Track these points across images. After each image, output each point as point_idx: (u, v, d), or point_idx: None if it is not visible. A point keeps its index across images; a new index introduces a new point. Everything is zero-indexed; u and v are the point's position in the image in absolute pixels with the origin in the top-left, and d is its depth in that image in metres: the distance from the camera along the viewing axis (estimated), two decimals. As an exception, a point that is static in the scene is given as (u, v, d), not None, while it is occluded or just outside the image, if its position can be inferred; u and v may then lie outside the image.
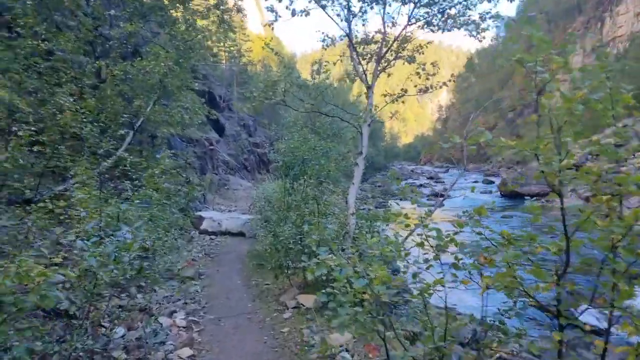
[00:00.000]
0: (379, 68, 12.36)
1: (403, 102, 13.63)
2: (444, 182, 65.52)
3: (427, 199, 38.85)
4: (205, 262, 13.75)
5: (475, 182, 58.47)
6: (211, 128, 43.39)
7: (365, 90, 12.31)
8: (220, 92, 52.63)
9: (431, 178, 74.46)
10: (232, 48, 61.68)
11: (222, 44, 61.71)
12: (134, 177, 9.09)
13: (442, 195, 40.32)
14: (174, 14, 17.34)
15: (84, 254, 5.03)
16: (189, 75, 15.40)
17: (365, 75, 12.35)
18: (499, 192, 41.81)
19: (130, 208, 8.13)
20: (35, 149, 9.57)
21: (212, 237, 18.39)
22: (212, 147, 38.49)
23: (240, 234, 19.01)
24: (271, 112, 67.87)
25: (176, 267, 12.25)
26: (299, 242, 9.01)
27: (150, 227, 12.17)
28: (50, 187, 10.37)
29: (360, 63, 12.49)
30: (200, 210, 22.11)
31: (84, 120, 11.05)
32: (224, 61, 65.08)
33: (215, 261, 13.94)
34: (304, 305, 8.90)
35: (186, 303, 9.62)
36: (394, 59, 12.55)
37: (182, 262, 13.04)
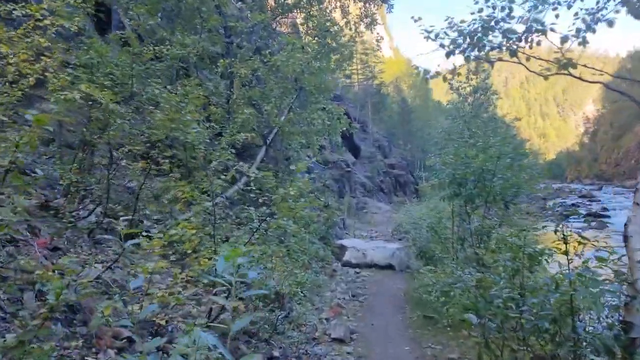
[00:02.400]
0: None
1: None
2: (599, 200, 56.71)
3: (584, 220, 33.04)
4: (354, 308, 10.58)
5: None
6: (346, 150, 41.15)
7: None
8: (355, 113, 50.38)
9: (583, 196, 65.31)
10: (369, 60, 59.57)
11: (355, 66, 60.15)
12: (263, 201, 6.30)
13: (601, 216, 34.61)
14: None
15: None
16: (329, 77, 12.73)
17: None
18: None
19: (255, 249, 5.25)
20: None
21: (357, 270, 15.28)
22: (349, 169, 36.06)
23: (389, 267, 15.66)
24: (406, 133, 64.47)
25: (318, 317, 9.23)
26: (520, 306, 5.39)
27: (286, 266, 9.40)
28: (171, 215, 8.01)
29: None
30: (341, 238, 19.20)
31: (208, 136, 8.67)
32: (356, 84, 63.40)
33: (365, 307, 10.71)
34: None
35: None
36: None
37: (326, 309, 10.01)
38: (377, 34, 19.32)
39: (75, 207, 8.35)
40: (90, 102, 6.74)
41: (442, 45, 4.86)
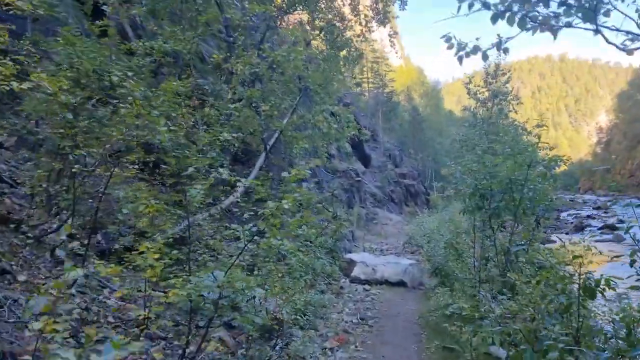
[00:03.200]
0: None
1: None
2: (615, 212, 54.88)
3: (600, 233, 31.67)
4: (362, 333, 9.35)
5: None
6: (356, 158, 40.07)
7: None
8: (365, 122, 49.24)
9: (598, 208, 63.40)
10: (380, 69, 58.55)
11: (366, 74, 59.22)
12: (255, 214, 5.15)
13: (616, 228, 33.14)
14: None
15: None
16: (338, 74, 11.57)
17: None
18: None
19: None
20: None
21: (366, 287, 14.06)
22: (358, 178, 34.89)
23: (401, 284, 14.41)
24: (417, 142, 63.22)
25: (321, 348, 8.05)
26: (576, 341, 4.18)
27: (287, 286, 8.24)
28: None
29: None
30: (350, 251, 18.00)
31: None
32: (366, 92, 62.34)
33: (375, 333, 9.48)
34: None
35: None
36: None
37: (331, 336, 8.81)
38: (390, 28, 18.18)
39: (43, 219, 7.28)
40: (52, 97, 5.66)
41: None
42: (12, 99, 8.84)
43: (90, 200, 7.17)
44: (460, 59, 3.63)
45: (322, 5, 13.74)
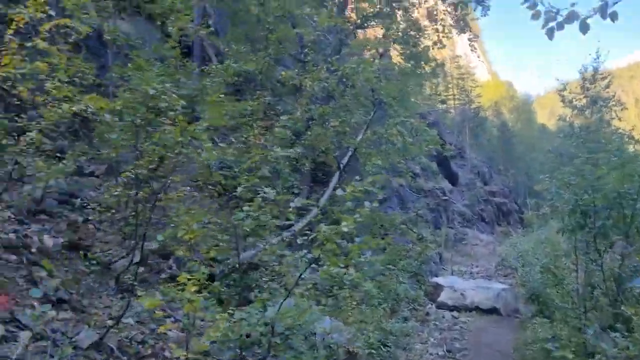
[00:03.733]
0: None
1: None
2: None
3: None
4: (449, 369, 8.43)
5: None
6: (443, 177, 38.58)
7: None
8: (451, 139, 47.50)
9: None
10: (466, 84, 56.70)
11: (451, 91, 57.48)
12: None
13: None
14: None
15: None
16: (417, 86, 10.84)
17: None
18: None
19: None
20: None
21: (454, 314, 12.98)
22: (445, 197, 33.46)
23: (493, 311, 13.17)
24: (507, 158, 59.92)
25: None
26: None
27: (363, 315, 7.61)
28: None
29: None
30: (436, 275, 16.92)
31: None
32: (452, 109, 60.35)
33: (464, 368, 8.51)
34: None
35: None
36: None
37: (412, 370, 7.99)
38: (471, 32, 17.15)
39: (114, 245, 7.24)
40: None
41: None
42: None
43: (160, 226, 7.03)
44: (550, 32, 2.87)
45: (399, 18, 13.18)
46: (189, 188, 6.47)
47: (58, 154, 7.76)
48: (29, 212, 6.72)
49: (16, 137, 5.89)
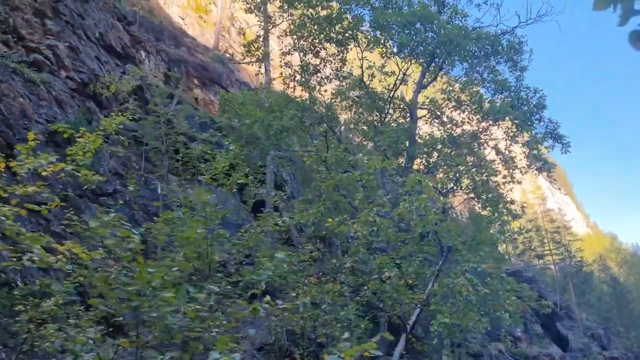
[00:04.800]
0: None
1: None
2: None
3: None
4: None
5: None
6: (550, 341, 34.04)
7: None
8: (554, 298, 42.81)
9: None
10: (562, 239, 52.84)
11: (547, 246, 53.67)
12: None
13: None
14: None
15: None
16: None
17: None
18: None
19: None
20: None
21: None
22: (555, 365, 29.04)
23: None
24: (625, 318, 52.43)
25: None
26: None
27: None
28: None
29: None
30: None
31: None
32: (552, 265, 55.67)
33: None
34: None
35: None
36: None
37: None
38: (550, 175, 15.99)
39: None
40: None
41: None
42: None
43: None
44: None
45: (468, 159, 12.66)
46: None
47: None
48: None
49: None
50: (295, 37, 17.03)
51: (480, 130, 15.89)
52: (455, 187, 14.90)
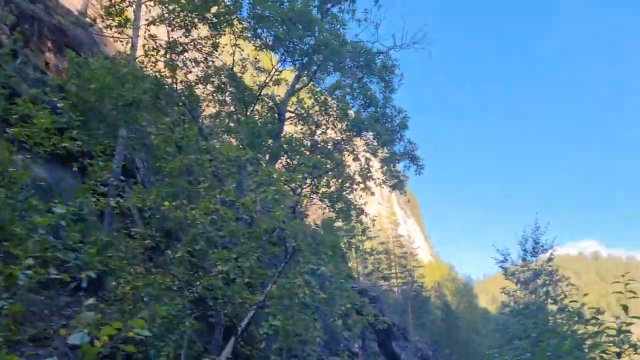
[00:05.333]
0: None
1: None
2: None
3: None
4: None
5: None
6: (385, 359, 35.07)
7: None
8: (394, 318, 44.73)
9: None
10: (408, 264, 55.92)
11: (394, 269, 56.48)
12: None
13: None
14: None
15: None
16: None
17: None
18: None
19: None
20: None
21: None
22: (386, 382, 29.81)
23: None
24: (452, 341, 56.78)
25: None
26: None
27: None
28: None
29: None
30: None
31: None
32: (395, 288, 58.68)
33: None
34: None
35: None
36: None
37: None
38: (402, 193, 16.32)
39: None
40: None
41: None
42: None
43: None
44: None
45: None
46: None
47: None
48: None
49: None
50: (165, 8, 15.36)
51: (344, 138, 15.66)
52: (312, 196, 14.41)
